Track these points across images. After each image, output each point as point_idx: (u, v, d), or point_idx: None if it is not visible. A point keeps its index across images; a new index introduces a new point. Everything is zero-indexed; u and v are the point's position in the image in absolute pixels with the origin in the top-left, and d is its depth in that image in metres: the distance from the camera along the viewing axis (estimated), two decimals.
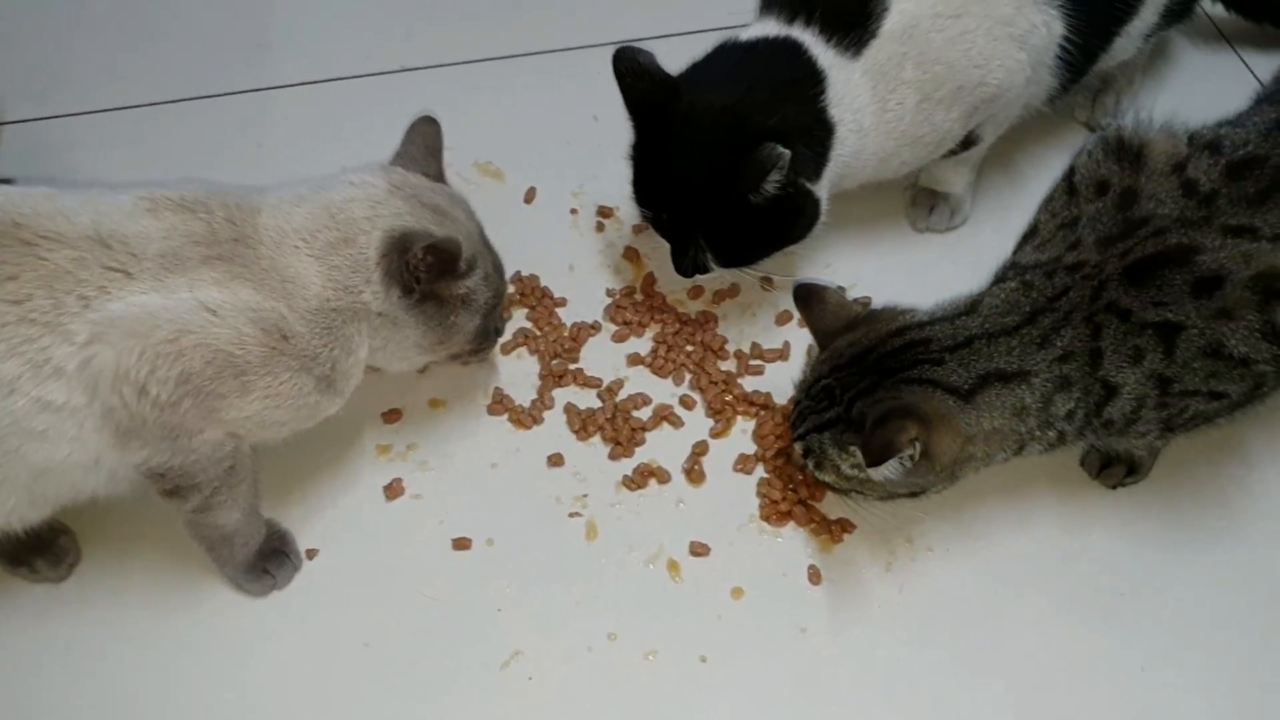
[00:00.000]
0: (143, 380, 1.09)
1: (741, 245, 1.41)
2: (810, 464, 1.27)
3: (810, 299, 1.31)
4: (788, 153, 1.28)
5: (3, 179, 1.59)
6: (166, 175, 1.27)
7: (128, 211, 1.15)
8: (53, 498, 1.17)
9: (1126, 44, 1.56)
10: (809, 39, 1.37)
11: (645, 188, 1.42)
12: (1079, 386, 1.19)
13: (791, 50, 1.37)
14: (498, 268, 1.35)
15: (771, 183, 1.31)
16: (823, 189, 1.39)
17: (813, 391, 1.26)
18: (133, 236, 1.12)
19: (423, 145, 1.34)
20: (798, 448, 1.28)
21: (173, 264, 1.12)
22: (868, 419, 1.17)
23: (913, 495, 1.25)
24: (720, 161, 1.33)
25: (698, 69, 1.40)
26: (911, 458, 1.16)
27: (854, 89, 1.37)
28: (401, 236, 1.21)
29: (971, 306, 1.23)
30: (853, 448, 1.20)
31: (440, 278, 1.23)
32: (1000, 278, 1.27)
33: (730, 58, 1.39)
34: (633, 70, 1.37)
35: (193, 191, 1.19)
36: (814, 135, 1.35)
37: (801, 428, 1.27)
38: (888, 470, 1.16)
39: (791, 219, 1.38)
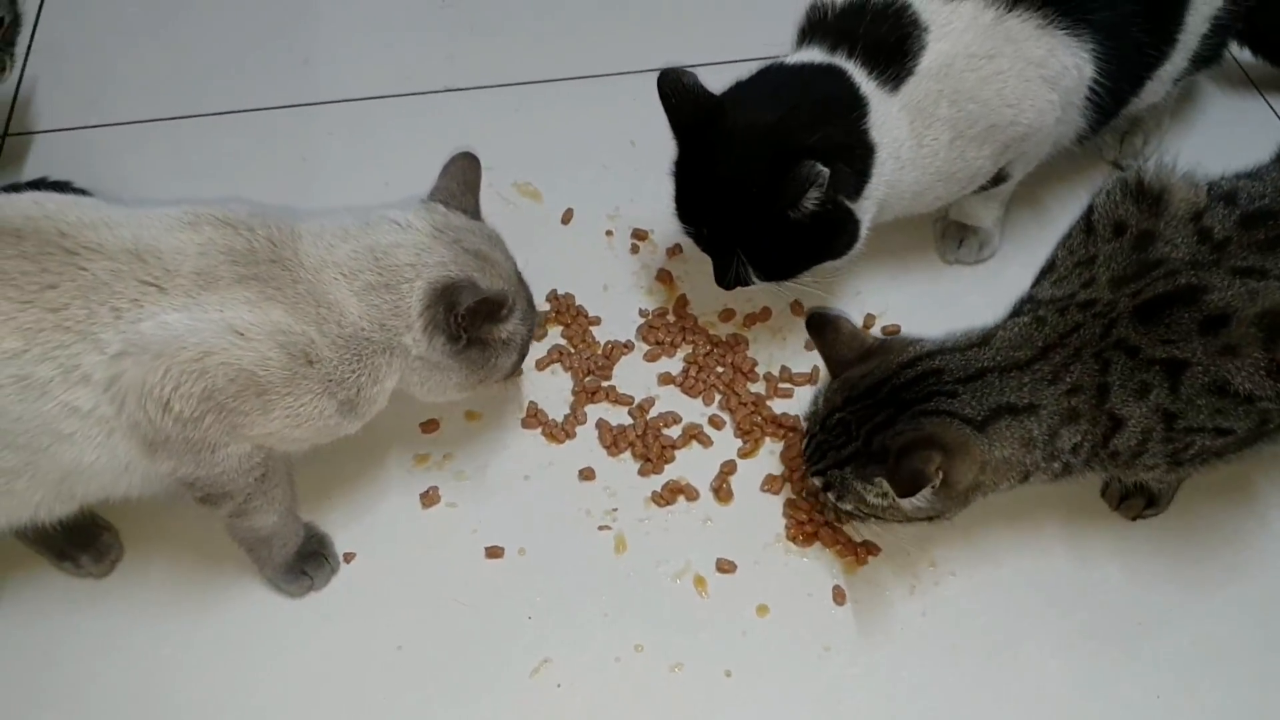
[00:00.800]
0: (166, 396, 1.10)
1: (781, 260, 1.42)
2: (832, 496, 1.28)
3: (824, 327, 1.32)
4: (826, 170, 1.29)
5: (58, 182, 1.64)
6: (210, 186, 1.29)
7: (168, 225, 1.16)
8: (81, 495, 1.19)
9: (1156, 88, 1.58)
10: (851, 68, 1.39)
11: (687, 204, 1.44)
12: (1086, 419, 1.21)
13: (835, 75, 1.38)
14: (530, 301, 1.36)
15: (810, 199, 1.32)
16: (864, 209, 1.40)
17: (828, 424, 1.27)
18: (168, 251, 1.13)
19: (461, 181, 1.34)
20: (816, 481, 1.29)
21: (207, 281, 1.13)
22: (890, 451, 1.19)
23: (930, 519, 1.27)
24: (761, 178, 1.34)
25: (742, 88, 1.42)
26: (933, 486, 1.17)
27: (893, 121, 1.38)
28: (446, 289, 1.22)
29: (984, 339, 1.25)
30: (878, 478, 1.22)
31: (484, 324, 1.25)
32: (1016, 311, 1.29)
33: (775, 78, 1.41)
34: (677, 90, 1.39)
35: (236, 210, 1.20)
36: (855, 154, 1.36)
37: (820, 464, 1.28)
38: (916, 499, 1.18)
39: (831, 236, 1.39)
